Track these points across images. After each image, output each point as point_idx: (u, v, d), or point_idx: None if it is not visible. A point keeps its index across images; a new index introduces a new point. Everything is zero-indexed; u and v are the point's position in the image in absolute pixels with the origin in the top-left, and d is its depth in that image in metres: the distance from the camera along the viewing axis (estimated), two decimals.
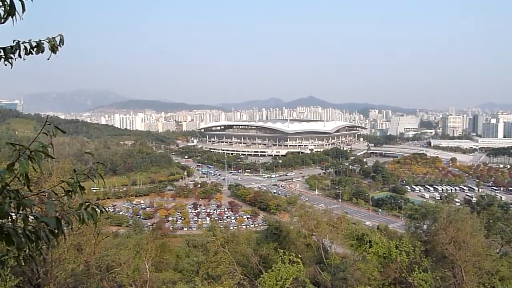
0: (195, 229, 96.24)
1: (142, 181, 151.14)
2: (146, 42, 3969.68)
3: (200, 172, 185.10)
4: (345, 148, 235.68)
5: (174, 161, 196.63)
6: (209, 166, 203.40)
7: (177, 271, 30.84)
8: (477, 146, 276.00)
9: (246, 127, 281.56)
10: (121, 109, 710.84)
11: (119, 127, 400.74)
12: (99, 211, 3.58)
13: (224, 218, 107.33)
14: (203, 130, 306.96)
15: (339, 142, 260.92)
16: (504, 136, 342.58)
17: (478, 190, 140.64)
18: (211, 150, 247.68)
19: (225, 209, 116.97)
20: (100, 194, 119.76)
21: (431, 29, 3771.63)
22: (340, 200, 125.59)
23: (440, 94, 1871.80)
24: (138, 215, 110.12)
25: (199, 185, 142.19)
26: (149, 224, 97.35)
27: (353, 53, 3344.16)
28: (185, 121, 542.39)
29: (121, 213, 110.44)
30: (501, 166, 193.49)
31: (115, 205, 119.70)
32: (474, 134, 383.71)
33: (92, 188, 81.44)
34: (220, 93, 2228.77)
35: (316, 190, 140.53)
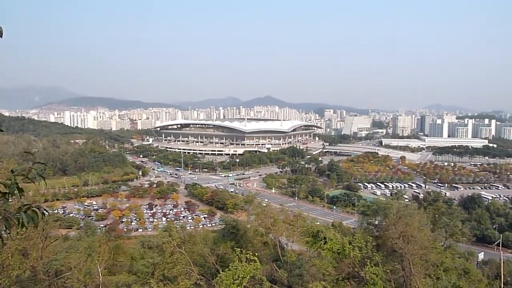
0: (150, 230, 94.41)
1: (94, 181, 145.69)
2: (100, 37, 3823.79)
3: (156, 172, 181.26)
4: (301, 147, 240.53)
5: (128, 161, 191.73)
6: (157, 163, 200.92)
7: (131, 273, 29.95)
8: (424, 145, 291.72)
9: (203, 126, 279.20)
10: (72, 107, 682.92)
11: (69, 125, 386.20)
12: (40, 213, 3.37)
13: (180, 218, 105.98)
14: (159, 128, 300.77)
15: (296, 141, 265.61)
16: (449, 136, 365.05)
17: (425, 187, 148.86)
18: (167, 149, 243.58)
19: (182, 209, 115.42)
20: (48, 196, 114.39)
21: (383, 30, 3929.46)
22: (296, 198, 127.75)
23: (392, 95, 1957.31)
24: (90, 216, 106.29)
25: (155, 185, 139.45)
26: (102, 225, 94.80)
27: (309, 53, 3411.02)
28: (140, 119, 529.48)
29: (71, 215, 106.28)
30: (446, 164, 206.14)
31: (65, 207, 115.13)
32: (422, 133, 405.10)
33: (40, 190, 77.36)
34: (177, 91, 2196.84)
35: (273, 188, 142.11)
